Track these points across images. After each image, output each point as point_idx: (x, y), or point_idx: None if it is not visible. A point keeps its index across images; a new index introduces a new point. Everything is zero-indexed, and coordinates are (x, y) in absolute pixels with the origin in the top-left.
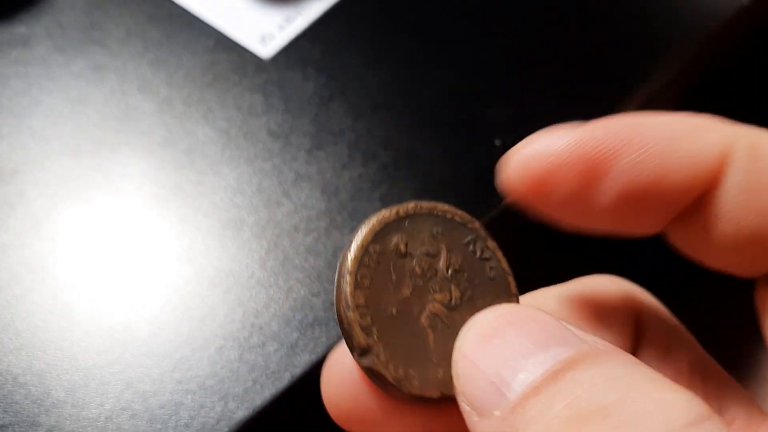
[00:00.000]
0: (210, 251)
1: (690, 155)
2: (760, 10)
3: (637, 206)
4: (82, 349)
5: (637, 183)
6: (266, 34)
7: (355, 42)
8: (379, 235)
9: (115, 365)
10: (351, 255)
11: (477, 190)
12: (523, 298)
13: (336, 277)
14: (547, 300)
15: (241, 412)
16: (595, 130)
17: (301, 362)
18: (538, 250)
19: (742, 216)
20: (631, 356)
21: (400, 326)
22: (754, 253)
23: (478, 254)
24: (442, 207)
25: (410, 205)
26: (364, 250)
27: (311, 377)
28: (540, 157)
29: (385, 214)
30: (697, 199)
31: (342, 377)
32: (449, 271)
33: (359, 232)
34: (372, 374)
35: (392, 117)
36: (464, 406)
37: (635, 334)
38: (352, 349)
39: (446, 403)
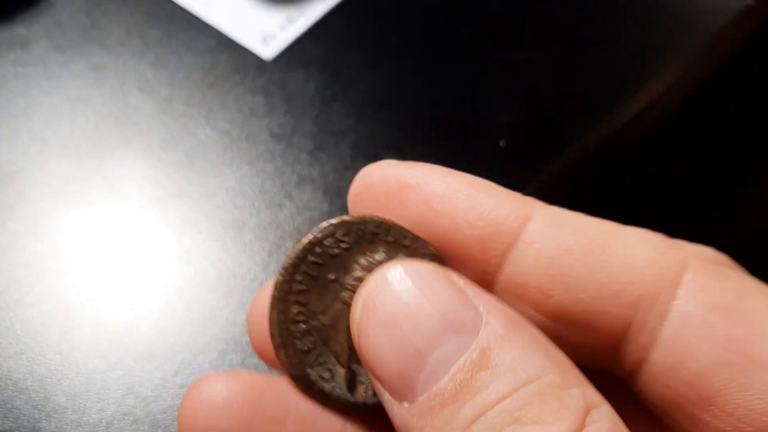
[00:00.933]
0: (211, 254)
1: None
2: (766, 9)
3: None
4: (83, 353)
5: None
6: (268, 34)
7: (358, 42)
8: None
9: (116, 369)
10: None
11: None
12: None
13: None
14: None
15: None
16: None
17: None
18: None
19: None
20: (529, 332)
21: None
22: None
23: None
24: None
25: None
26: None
27: None
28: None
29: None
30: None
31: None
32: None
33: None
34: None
35: (395, 117)
36: (375, 381)
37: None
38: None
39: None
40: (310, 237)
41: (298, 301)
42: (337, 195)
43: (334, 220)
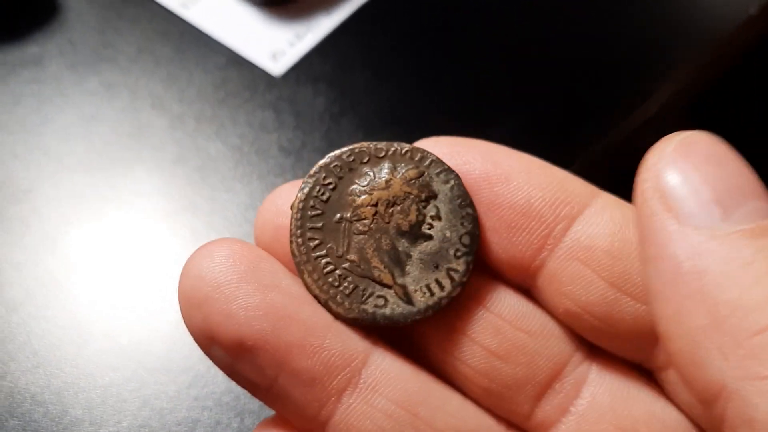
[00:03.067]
0: None
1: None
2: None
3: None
4: (99, 366)
5: None
6: (277, 50)
7: (366, 57)
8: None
9: (131, 382)
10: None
11: None
12: None
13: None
14: None
15: None
16: None
17: None
18: None
19: None
20: None
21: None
22: None
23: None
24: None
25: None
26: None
27: None
28: None
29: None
30: None
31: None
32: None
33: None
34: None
35: (403, 132)
36: (655, 205)
37: None
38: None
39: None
40: (298, 198)
41: (320, 255)
42: None
43: (308, 177)
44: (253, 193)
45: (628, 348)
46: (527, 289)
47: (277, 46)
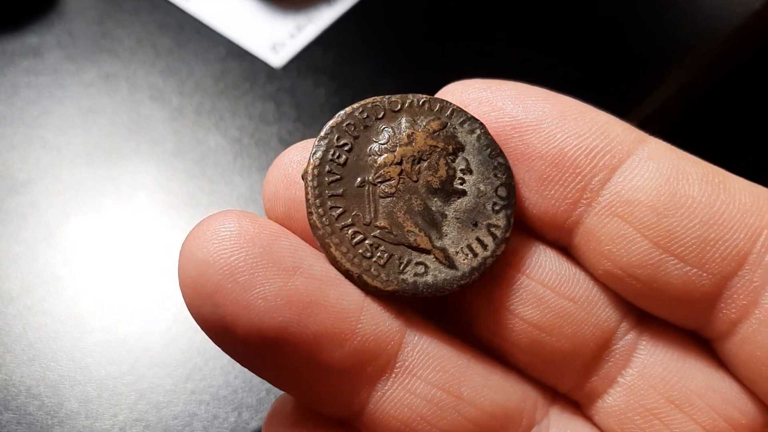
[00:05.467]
0: None
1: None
2: None
3: None
4: (95, 359)
5: None
6: (277, 42)
7: (367, 49)
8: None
9: (128, 376)
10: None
11: None
12: None
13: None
14: None
15: (255, 422)
16: None
17: None
18: None
19: None
20: None
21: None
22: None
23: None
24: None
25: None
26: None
27: None
28: None
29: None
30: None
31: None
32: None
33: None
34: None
35: None
36: None
37: None
38: None
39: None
40: (311, 164)
41: (346, 225)
42: None
43: (319, 140)
44: (253, 186)
45: (679, 314)
46: (564, 248)
47: (278, 38)
